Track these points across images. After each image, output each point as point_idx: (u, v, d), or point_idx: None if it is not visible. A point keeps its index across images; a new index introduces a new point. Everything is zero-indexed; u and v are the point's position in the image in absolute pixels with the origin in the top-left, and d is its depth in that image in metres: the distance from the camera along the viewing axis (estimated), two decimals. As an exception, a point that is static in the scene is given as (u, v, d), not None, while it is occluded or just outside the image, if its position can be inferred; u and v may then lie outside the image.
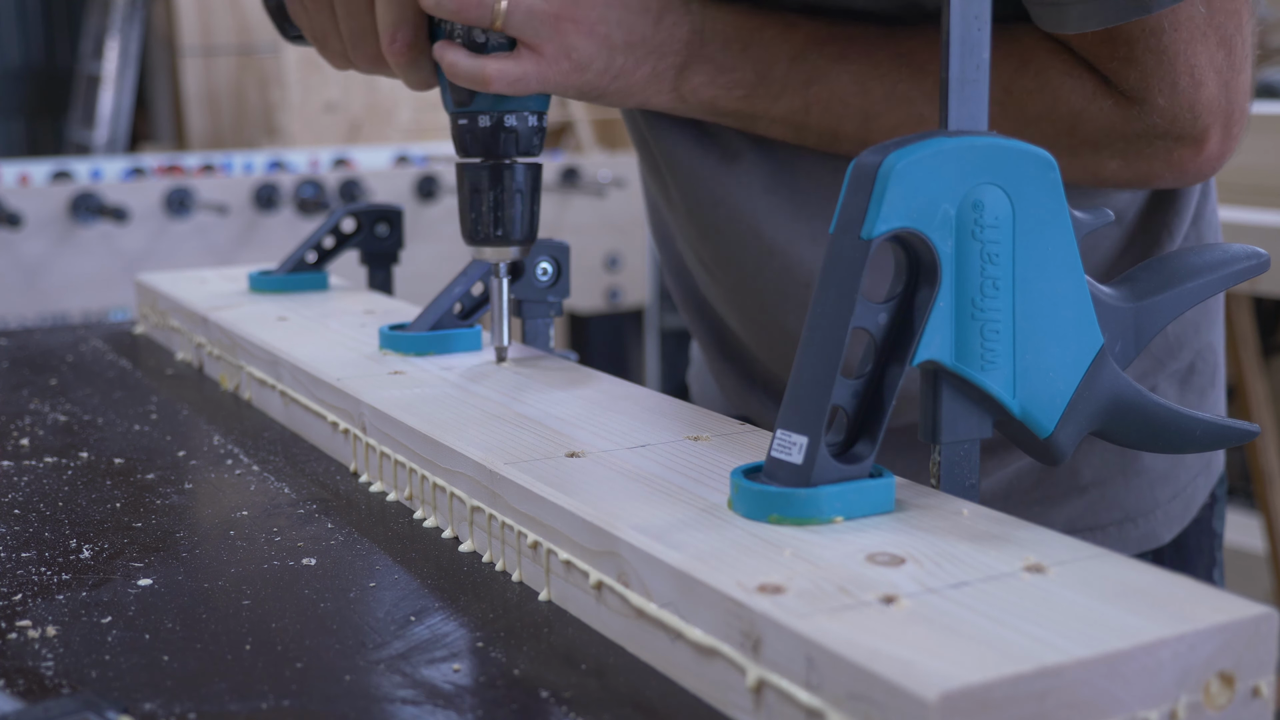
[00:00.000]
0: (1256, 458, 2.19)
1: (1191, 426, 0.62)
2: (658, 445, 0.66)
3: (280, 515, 0.71)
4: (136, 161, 3.15)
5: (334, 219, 1.13)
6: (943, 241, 0.55)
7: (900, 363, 0.56)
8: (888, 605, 0.46)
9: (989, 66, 0.58)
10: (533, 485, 0.60)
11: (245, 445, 0.85)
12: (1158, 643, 0.42)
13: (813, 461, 0.54)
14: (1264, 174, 2.22)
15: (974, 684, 0.40)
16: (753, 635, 0.46)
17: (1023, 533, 0.52)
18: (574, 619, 0.57)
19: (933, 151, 0.54)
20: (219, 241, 2.77)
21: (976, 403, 0.58)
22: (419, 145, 3.63)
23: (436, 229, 2.91)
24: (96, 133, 4.80)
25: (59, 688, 0.51)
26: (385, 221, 1.13)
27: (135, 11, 4.88)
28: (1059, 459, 0.59)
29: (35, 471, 0.80)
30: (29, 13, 5.38)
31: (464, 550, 0.65)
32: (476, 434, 0.69)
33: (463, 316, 0.90)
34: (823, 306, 0.55)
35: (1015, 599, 0.46)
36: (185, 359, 1.11)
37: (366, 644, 0.55)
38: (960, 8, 0.57)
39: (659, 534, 0.53)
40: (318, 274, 1.14)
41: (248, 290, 1.15)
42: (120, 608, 0.59)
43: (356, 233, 1.13)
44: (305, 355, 0.89)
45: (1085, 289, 0.58)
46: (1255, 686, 0.44)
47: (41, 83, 5.42)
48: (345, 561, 0.64)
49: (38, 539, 0.68)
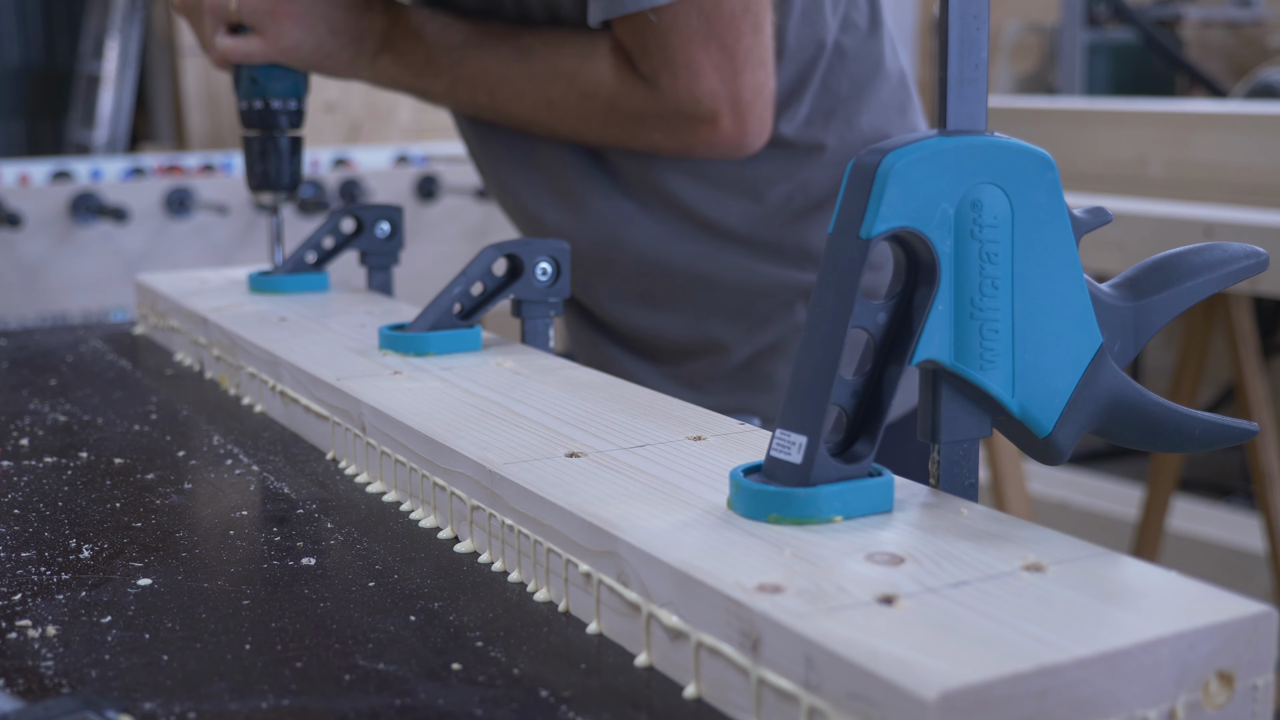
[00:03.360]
0: (1256, 458, 2.19)
1: (1190, 426, 0.62)
2: (658, 445, 0.66)
3: (280, 515, 0.71)
4: (136, 161, 3.15)
5: (334, 219, 1.13)
6: (941, 241, 0.55)
7: (899, 362, 0.56)
8: (887, 605, 0.46)
9: (987, 66, 0.58)
10: (532, 485, 0.61)
11: (245, 445, 0.85)
12: (1157, 641, 0.42)
13: (812, 461, 0.54)
14: (1264, 174, 2.22)
15: (973, 683, 0.40)
16: (752, 635, 0.46)
17: (1022, 532, 0.53)
18: (574, 619, 0.57)
19: (931, 151, 0.54)
20: (219, 241, 2.77)
21: (975, 402, 0.58)
22: (419, 145, 3.63)
23: (436, 229, 2.91)
24: (96, 133, 4.79)
25: (59, 687, 0.51)
26: (385, 221, 1.13)
27: (135, 11, 4.88)
28: (1059, 458, 0.59)
29: (35, 471, 0.80)
30: (29, 13, 5.38)
31: (463, 550, 0.65)
32: (476, 434, 0.69)
33: (462, 316, 0.90)
34: (822, 306, 0.55)
35: (1014, 598, 0.46)
36: (185, 359, 1.11)
37: (366, 644, 0.55)
38: (959, 8, 0.57)
39: (659, 534, 0.53)
40: (318, 274, 1.14)
41: (248, 290, 1.15)
42: (120, 607, 0.59)
43: (357, 233, 1.13)
44: (305, 355, 0.89)
45: (1084, 288, 0.58)
46: (1254, 685, 0.44)
47: (41, 83, 5.42)
48: (345, 561, 0.64)
49: (38, 539, 0.68)
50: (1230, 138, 2.28)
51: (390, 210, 1.13)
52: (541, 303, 0.91)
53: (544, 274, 0.90)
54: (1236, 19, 4.31)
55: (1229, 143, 2.27)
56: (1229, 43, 4.30)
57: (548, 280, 0.90)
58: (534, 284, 0.90)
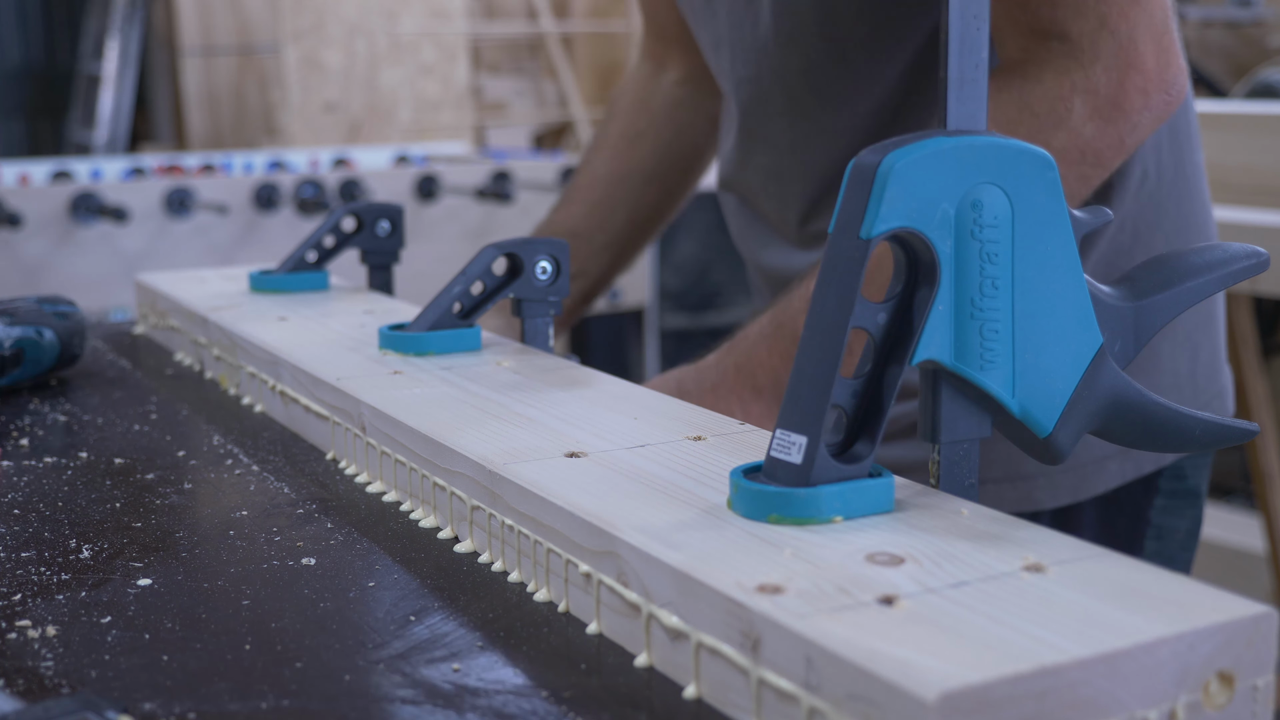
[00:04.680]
0: (1256, 458, 2.19)
1: (1191, 426, 0.62)
2: (658, 445, 0.66)
3: (280, 515, 0.71)
4: (136, 161, 3.15)
5: (334, 218, 1.13)
6: (942, 241, 0.55)
7: (900, 362, 0.56)
8: (887, 605, 0.46)
9: (987, 66, 0.58)
10: (533, 485, 0.60)
11: (245, 445, 0.85)
12: (1157, 642, 0.42)
13: (812, 461, 0.54)
14: (1264, 174, 2.22)
15: (973, 684, 0.40)
16: (752, 635, 0.46)
17: (1022, 532, 0.52)
18: (574, 619, 0.57)
19: (932, 151, 0.54)
20: (219, 241, 2.77)
21: (976, 402, 0.58)
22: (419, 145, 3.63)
23: (436, 229, 2.91)
24: (96, 133, 4.80)
25: (59, 688, 0.51)
26: (386, 220, 1.13)
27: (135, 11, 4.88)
28: (1059, 458, 0.59)
29: (35, 471, 0.80)
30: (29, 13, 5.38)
31: (463, 550, 0.65)
32: (476, 434, 0.69)
33: (462, 316, 0.90)
34: (822, 306, 0.55)
35: (1015, 599, 0.46)
36: (185, 359, 1.11)
37: (366, 644, 0.55)
38: (960, 8, 0.57)
39: (659, 534, 0.53)
40: (318, 273, 1.14)
41: (248, 290, 1.15)
42: (120, 608, 0.59)
43: (357, 232, 1.13)
44: (305, 355, 0.89)
45: (1084, 288, 0.58)
46: (1254, 686, 0.44)
47: (41, 83, 5.42)
48: (345, 561, 0.64)
49: (38, 539, 0.68)
50: (1230, 138, 2.28)
51: (390, 209, 1.13)
52: (542, 301, 0.91)
53: (544, 273, 0.90)
54: (1236, 19, 4.31)
55: (1229, 143, 2.27)
56: (1229, 43, 4.30)
57: (548, 279, 0.90)
58: (534, 283, 0.90)
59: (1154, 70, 0.89)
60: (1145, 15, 0.89)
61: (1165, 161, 1.03)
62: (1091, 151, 0.90)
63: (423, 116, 4.74)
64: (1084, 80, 0.89)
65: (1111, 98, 0.89)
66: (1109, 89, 0.89)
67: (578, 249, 1.27)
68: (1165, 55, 0.90)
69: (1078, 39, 0.89)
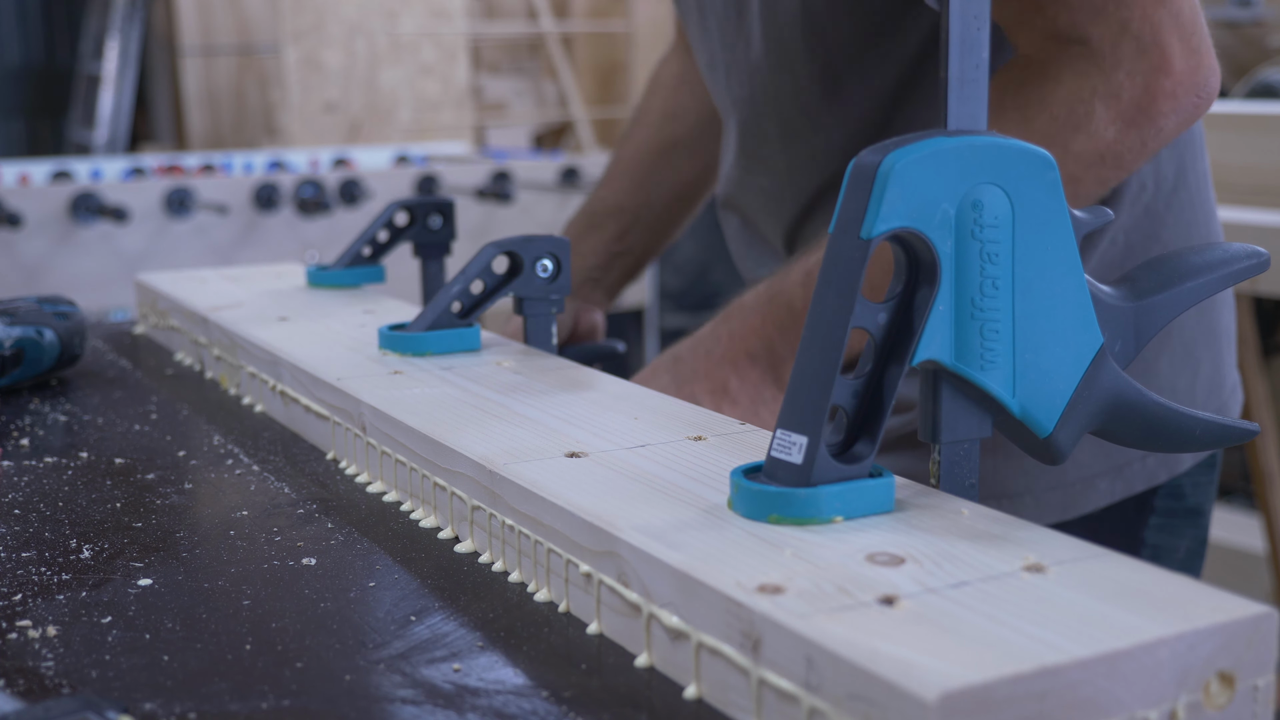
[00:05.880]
0: (1256, 458, 2.19)
1: (1191, 426, 0.62)
2: (658, 445, 0.66)
3: (280, 515, 0.71)
4: (136, 161, 3.15)
5: (387, 213, 1.15)
6: (942, 241, 0.55)
7: (900, 362, 0.56)
8: (887, 605, 0.46)
9: (988, 66, 0.58)
10: (533, 485, 0.60)
11: (245, 445, 0.85)
12: (1157, 642, 0.42)
13: (812, 461, 0.54)
14: (1264, 174, 2.22)
15: (974, 684, 0.40)
16: (752, 635, 0.46)
17: (1023, 532, 0.52)
18: (574, 619, 0.57)
19: (932, 151, 0.54)
20: (219, 241, 2.77)
21: (976, 402, 0.58)
22: (419, 145, 3.63)
23: (436, 229, 2.91)
24: (96, 133, 4.80)
25: (59, 688, 0.51)
26: (438, 214, 1.14)
27: (135, 11, 4.88)
28: (1059, 458, 0.59)
29: (35, 471, 0.80)
30: (29, 13, 5.38)
31: (463, 550, 0.65)
32: (476, 434, 0.69)
33: (462, 316, 0.90)
34: (822, 306, 0.55)
35: (1015, 599, 0.46)
36: (185, 359, 1.11)
37: (366, 644, 0.55)
38: (960, 8, 0.57)
39: (659, 534, 0.53)
40: (374, 267, 1.16)
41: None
42: (120, 608, 0.59)
43: (410, 226, 1.14)
44: (305, 355, 0.89)
45: (1085, 288, 0.58)
46: (1255, 686, 0.44)
47: (41, 83, 5.42)
48: (345, 561, 0.64)
49: (38, 539, 0.68)
50: (1230, 138, 2.28)
51: (442, 203, 1.15)
52: (543, 299, 0.91)
53: (545, 270, 0.90)
54: (1236, 19, 4.31)
55: (1229, 143, 2.27)
56: (1229, 43, 4.30)
57: (549, 277, 0.90)
58: (535, 281, 0.90)
59: (1183, 72, 0.86)
60: (1171, 16, 0.86)
61: (1164, 171, 1.01)
62: (1112, 155, 0.88)
63: (423, 116, 4.74)
64: (1105, 85, 0.86)
65: (1136, 102, 0.86)
66: (1133, 93, 0.86)
67: (622, 225, 1.27)
68: (1195, 56, 0.87)
69: (1098, 44, 0.86)
